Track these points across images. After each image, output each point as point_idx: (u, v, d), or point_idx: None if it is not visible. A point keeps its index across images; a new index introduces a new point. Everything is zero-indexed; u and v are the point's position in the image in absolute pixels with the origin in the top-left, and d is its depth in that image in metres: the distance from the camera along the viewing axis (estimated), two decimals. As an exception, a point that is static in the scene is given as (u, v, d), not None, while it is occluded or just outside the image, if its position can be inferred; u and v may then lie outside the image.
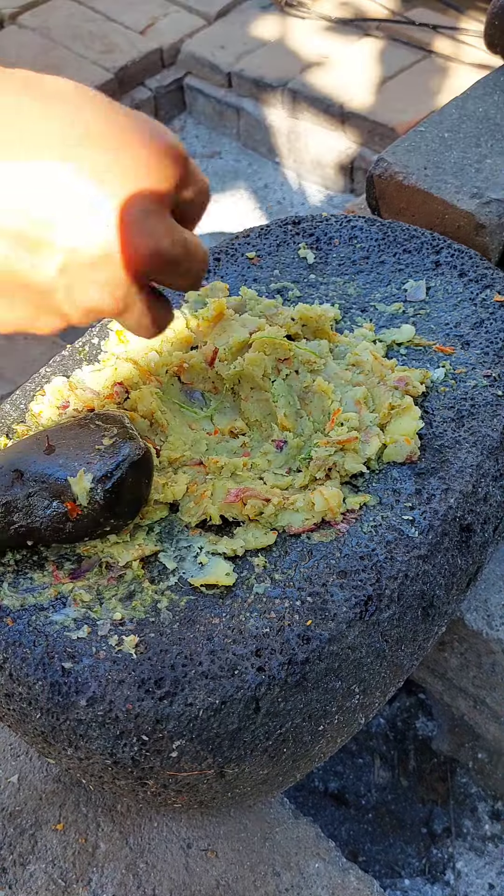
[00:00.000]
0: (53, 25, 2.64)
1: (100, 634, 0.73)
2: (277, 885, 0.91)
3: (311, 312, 0.94)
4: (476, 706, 1.16)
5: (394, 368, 0.91)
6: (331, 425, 0.86)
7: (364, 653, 0.76)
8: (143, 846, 0.93)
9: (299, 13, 2.67)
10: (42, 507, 0.75)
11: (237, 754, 0.72)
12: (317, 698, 0.74)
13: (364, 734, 1.30)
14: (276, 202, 2.45)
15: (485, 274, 1.02)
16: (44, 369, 0.94)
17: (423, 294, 1.01)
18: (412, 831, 1.23)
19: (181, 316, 0.97)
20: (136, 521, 0.80)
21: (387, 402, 0.87)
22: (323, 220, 1.10)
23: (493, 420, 0.88)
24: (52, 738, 0.73)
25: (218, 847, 0.93)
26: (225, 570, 0.77)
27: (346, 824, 1.24)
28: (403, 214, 1.17)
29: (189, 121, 2.68)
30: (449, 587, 0.83)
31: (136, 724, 0.69)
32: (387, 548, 0.78)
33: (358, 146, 2.38)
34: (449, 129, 1.22)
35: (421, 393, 0.90)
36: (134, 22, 2.68)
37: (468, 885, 1.18)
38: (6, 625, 0.73)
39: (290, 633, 0.73)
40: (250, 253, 1.07)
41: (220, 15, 2.72)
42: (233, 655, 0.71)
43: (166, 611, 0.75)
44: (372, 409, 0.88)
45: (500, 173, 1.14)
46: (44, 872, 0.90)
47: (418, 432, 0.86)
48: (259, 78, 2.48)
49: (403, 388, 0.89)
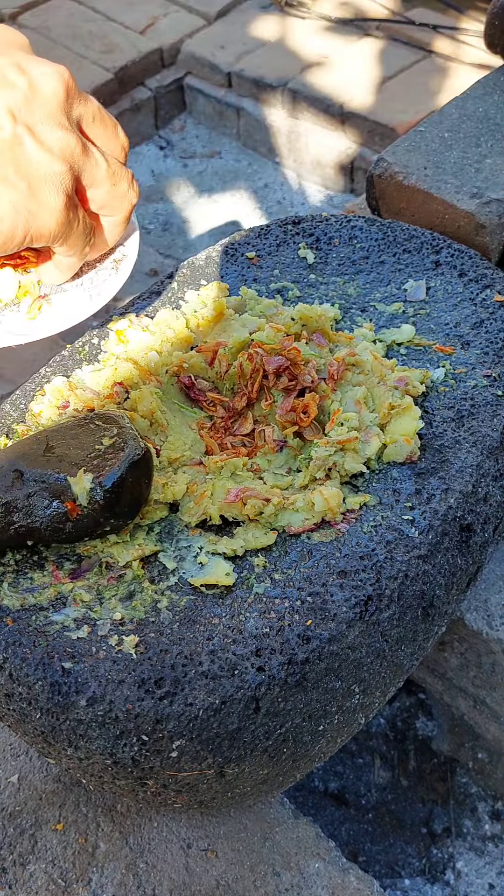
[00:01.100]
0: (53, 25, 2.64)
1: (100, 634, 0.73)
2: (277, 885, 0.91)
3: (311, 312, 0.94)
4: (476, 706, 1.16)
5: (394, 368, 0.91)
6: (331, 425, 0.86)
7: (364, 653, 0.76)
8: (143, 846, 0.93)
9: (299, 13, 2.67)
10: (42, 507, 0.75)
11: (237, 754, 0.72)
12: (317, 698, 0.74)
13: (364, 734, 1.30)
14: (276, 202, 2.45)
15: (485, 274, 1.02)
16: (44, 369, 0.94)
17: (423, 294, 1.01)
18: (412, 831, 1.23)
19: (181, 316, 0.97)
20: (136, 521, 0.80)
21: (387, 402, 0.87)
22: (323, 220, 1.10)
23: (493, 420, 0.88)
24: (52, 738, 0.73)
25: (218, 847, 0.93)
26: (225, 570, 0.77)
27: (346, 824, 1.24)
28: (403, 214, 1.17)
29: (189, 121, 2.68)
30: (449, 587, 0.83)
31: (136, 724, 0.69)
32: (387, 548, 0.78)
33: (358, 146, 2.38)
34: (449, 129, 1.22)
35: (421, 393, 0.90)
36: (134, 22, 2.68)
37: (468, 885, 1.18)
38: (6, 625, 0.73)
39: (290, 633, 0.73)
40: (250, 253, 1.07)
41: (220, 15, 2.72)
42: (233, 655, 0.71)
43: (166, 611, 0.75)
44: (372, 409, 0.88)
45: (500, 173, 1.14)
46: (44, 872, 0.90)
47: (418, 432, 0.86)
48: (259, 78, 2.48)
49: (403, 388, 0.88)
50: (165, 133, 2.66)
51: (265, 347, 0.90)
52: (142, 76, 2.59)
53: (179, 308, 1.01)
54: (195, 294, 1.00)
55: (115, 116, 2.50)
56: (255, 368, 0.89)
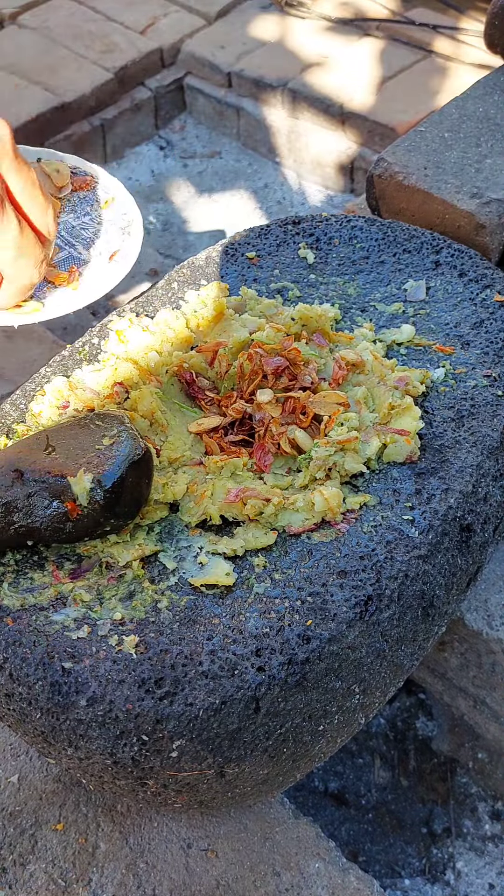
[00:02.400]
0: (53, 25, 2.64)
1: (100, 634, 0.73)
2: (277, 885, 0.91)
3: (311, 312, 0.94)
4: (476, 706, 1.16)
5: (394, 368, 0.91)
6: (330, 425, 0.86)
7: (364, 653, 0.76)
8: (143, 846, 0.93)
9: (299, 13, 2.66)
10: (42, 507, 0.75)
11: (237, 754, 0.72)
12: (317, 698, 0.74)
13: (364, 734, 1.30)
14: (276, 202, 2.45)
15: (485, 274, 1.02)
16: (44, 369, 0.94)
17: (423, 294, 1.01)
18: (412, 831, 1.23)
19: (181, 316, 0.97)
20: (136, 521, 0.80)
21: (387, 401, 0.87)
22: (323, 220, 1.10)
23: (494, 420, 0.88)
24: (52, 738, 0.73)
25: (218, 847, 0.93)
26: (225, 570, 0.77)
27: (346, 824, 1.24)
28: (403, 214, 1.17)
29: (189, 121, 2.68)
30: (449, 587, 0.83)
31: (137, 723, 0.69)
32: (387, 548, 0.78)
33: (358, 146, 2.38)
34: (449, 129, 1.22)
35: (421, 393, 0.90)
36: (134, 22, 2.68)
37: (468, 885, 1.18)
38: (6, 625, 0.73)
39: (290, 633, 0.73)
40: (250, 253, 1.07)
41: (220, 15, 2.72)
42: (233, 655, 0.71)
43: (166, 611, 0.75)
44: (372, 408, 0.88)
45: (500, 173, 1.14)
46: (44, 872, 0.90)
47: (418, 432, 0.86)
48: (259, 78, 2.48)
49: (403, 388, 0.88)
50: (165, 133, 2.66)
51: (265, 347, 0.90)
52: (142, 76, 2.59)
53: (179, 308, 1.01)
54: (195, 294, 1.00)
55: (115, 116, 2.51)
56: (255, 370, 0.89)
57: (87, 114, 2.47)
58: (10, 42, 2.59)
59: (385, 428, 0.86)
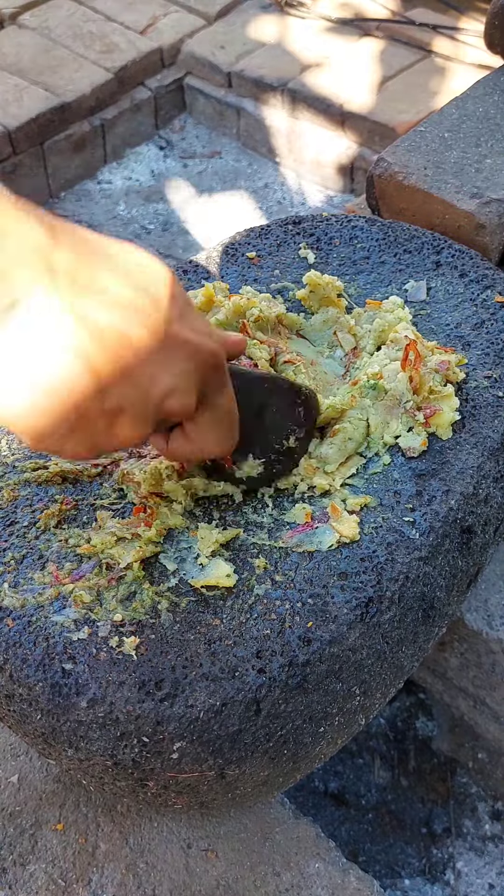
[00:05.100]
0: (53, 25, 2.64)
1: (100, 635, 0.73)
2: (277, 885, 0.91)
3: (321, 280, 0.95)
4: (476, 706, 1.16)
5: (434, 350, 0.89)
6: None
7: (365, 654, 0.76)
8: (143, 846, 0.93)
9: (299, 13, 2.66)
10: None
11: (238, 756, 0.72)
12: (317, 700, 0.74)
13: (364, 734, 1.30)
14: (276, 202, 2.45)
15: (485, 274, 1.02)
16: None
17: (424, 294, 1.01)
18: (412, 831, 1.23)
19: None
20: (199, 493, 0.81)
21: (426, 385, 0.84)
22: (323, 220, 1.10)
23: (494, 421, 0.88)
24: (52, 740, 0.73)
25: (218, 847, 0.93)
26: (226, 572, 0.77)
27: (346, 824, 1.24)
28: (403, 214, 1.17)
29: (189, 121, 2.68)
30: (450, 589, 0.83)
31: (137, 725, 0.69)
32: (387, 549, 0.78)
33: (358, 146, 2.38)
34: (449, 129, 1.22)
35: (460, 380, 0.87)
36: (134, 22, 2.68)
37: (468, 885, 1.18)
38: (6, 625, 0.73)
39: (291, 635, 0.73)
40: (250, 253, 1.07)
41: (220, 15, 2.72)
42: (233, 657, 0.71)
43: (167, 612, 0.75)
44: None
45: (500, 173, 1.14)
46: (44, 872, 0.90)
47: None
48: (259, 78, 2.48)
49: (444, 373, 0.86)
50: (165, 133, 2.66)
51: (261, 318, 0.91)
52: (142, 76, 2.59)
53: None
54: (195, 294, 1.00)
55: (115, 116, 2.51)
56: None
57: (87, 114, 2.47)
58: (10, 42, 2.58)
59: (428, 406, 0.82)
